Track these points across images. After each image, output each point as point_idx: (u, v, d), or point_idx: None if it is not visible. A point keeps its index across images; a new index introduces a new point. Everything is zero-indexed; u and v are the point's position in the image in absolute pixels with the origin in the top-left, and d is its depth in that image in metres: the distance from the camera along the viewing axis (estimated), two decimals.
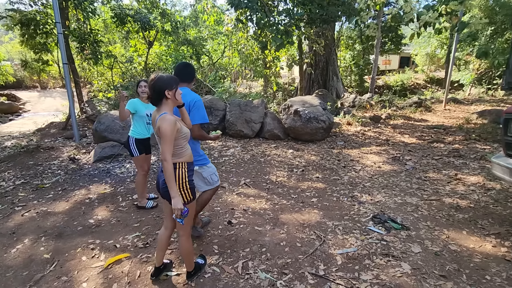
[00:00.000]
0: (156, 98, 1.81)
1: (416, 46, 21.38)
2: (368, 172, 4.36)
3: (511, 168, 2.33)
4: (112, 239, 2.75)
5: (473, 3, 13.64)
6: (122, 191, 3.93)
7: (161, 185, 1.90)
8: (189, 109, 2.26)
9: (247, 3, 6.76)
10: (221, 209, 3.30)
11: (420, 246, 2.41)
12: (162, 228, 2.16)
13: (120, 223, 3.06)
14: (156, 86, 1.78)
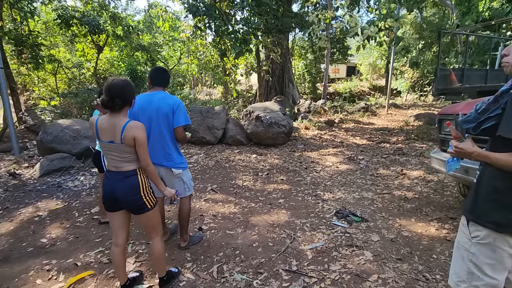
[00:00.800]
0: (121, 104, 1.71)
1: (360, 56, 23.49)
2: (328, 172, 4.67)
3: (445, 161, 2.72)
4: (71, 257, 2.54)
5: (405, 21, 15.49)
6: (78, 205, 3.64)
7: (126, 196, 1.78)
8: (173, 112, 2.25)
9: (205, 10, 6.81)
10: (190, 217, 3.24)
11: (378, 235, 2.68)
12: (112, 247, 1.96)
13: (79, 240, 2.83)
14: (126, 92, 1.71)
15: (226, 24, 7.28)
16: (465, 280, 1.28)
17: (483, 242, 1.22)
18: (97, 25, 9.52)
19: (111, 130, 1.72)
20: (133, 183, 1.79)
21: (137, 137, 1.70)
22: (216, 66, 9.50)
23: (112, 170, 1.82)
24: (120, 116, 1.74)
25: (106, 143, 1.76)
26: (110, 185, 1.81)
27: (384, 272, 2.15)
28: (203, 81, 11.35)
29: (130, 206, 1.84)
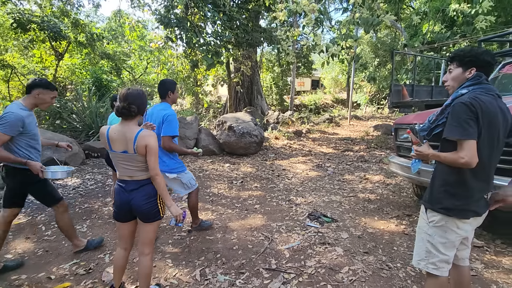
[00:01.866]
0: (137, 112, 1.72)
1: (324, 71, 24.98)
2: (299, 179, 4.94)
3: (402, 165, 3.11)
4: (44, 271, 2.43)
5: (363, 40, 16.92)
6: (44, 219, 3.45)
7: (142, 204, 1.77)
8: (162, 122, 2.50)
9: (177, 22, 6.90)
10: (167, 225, 3.26)
11: (347, 233, 2.95)
12: (118, 249, 2.00)
13: (49, 253, 2.71)
14: (141, 100, 1.74)
15: (198, 36, 7.43)
16: (424, 258, 1.55)
17: (438, 225, 1.49)
18: (58, 31, 9.09)
19: (123, 140, 1.72)
20: (150, 191, 1.80)
21: (148, 145, 1.70)
22: (187, 77, 9.54)
23: (127, 180, 1.81)
24: (131, 125, 1.74)
25: (119, 153, 1.75)
26: (126, 195, 1.79)
27: (353, 264, 2.40)
28: None
29: (144, 214, 1.81)
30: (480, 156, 1.38)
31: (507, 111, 1.45)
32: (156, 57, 9.70)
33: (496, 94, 1.45)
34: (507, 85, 3.41)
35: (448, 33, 13.48)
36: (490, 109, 1.38)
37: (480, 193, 1.46)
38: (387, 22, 6.54)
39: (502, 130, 1.44)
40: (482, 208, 1.49)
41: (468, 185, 1.43)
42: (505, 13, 16.74)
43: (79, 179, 4.83)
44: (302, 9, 6.47)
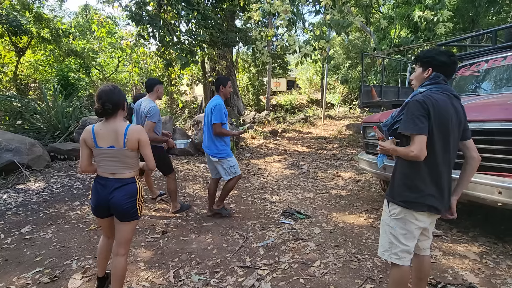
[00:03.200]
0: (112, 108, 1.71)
1: (299, 72, 25.48)
2: (274, 178, 5.01)
3: (370, 161, 3.27)
4: (2, 282, 2.28)
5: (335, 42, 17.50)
6: (3, 226, 3.22)
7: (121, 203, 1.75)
8: (211, 112, 3.00)
9: (149, 20, 6.72)
10: (140, 227, 3.17)
11: (319, 228, 3.04)
12: (102, 237, 2.03)
13: (9, 262, 2.54)
14: (114, 96, 1.72)
15: (172, 34, 7.28)
16: (387, 249, 1.64)
17: (398, 217, 1.58)
18: (18, 25, 8.48)
19: (111, 135, 1.72)
20: (132, 190, 1.79)
21: (141, 139, 1.76)
22: (161, 76, 9.31)
23: (108, 177, 1.77)
24: (117, 121, 1.75)
25: (106, 148, 1.73)
26: (105, 192, 1.75)
27: (325, 258, 2.48)
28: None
29: (122, 213, 1.78)
30: (433, 150, 1.47)
31: (461, 112, 1.55)
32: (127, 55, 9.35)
33: (452, 94, 1.53)
34: (463, 86, 3.69)
35: (413, 37, 14.33)
36: (441, 107, 1.46)
37: (436, 188, 1.53)
38: (357, 24, 6.81)
39: (455, 129, 1.52)
40: (441, 204, 1.55)
41: (423, 178, 1.52)
42: (463, 20, 18.06)
43: (44, 182, 4.55)
44: (275, 10, 6.55)
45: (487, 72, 3.41)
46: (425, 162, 1.48)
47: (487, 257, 2.37)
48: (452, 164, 1.58)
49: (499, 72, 3.28)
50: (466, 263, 2.35)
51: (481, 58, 3.64)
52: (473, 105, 2.56)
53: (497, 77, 3.27)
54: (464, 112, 1.58)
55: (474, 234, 2.77)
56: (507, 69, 3.22)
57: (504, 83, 3.12)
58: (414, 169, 1.53)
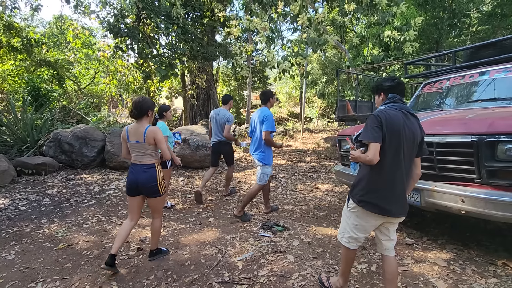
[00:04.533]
0: (137, 114, 2.41)
1: (278, 86, 26.08)
2: None
3: (345, 173, 3.39)
4: None
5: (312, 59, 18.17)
6: None
7: (146, 183, 2.42)
8: (263, 121, 3.49)
9: (128, 32, 6.68)
10: (113, 243, 3.04)
11: (298, 240, 3.07)
12: (127, 220, 2.57)
13: None
14: (141, 106, 2.40)
15: (151, 47, 7.26)
16: (341, 233, 2.02)
17: (353, 211, 1.91)
18: None
19: (137, 133, 2.39)
20: (153, 173, 2.44)
21: (156, 137, 2.39)
22: (139, 88, 9.15)
23: (137, 163, 2.46)
24: (142, 122, 2.42)
25: (134, 142, 2.42)
26: (135, 175, 2.43)
27: (303, 270, 2.50)
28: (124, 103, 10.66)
29: (147, 191, 2.46)
30: (385, 156, 1.71)
31: (417, 127, 1.78)
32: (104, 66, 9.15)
33: (406, 111, 1.79)
34: (428, 102, 3.96)
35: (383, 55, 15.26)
36: (394, 120, 1.71)
37: (388, 192, 1.74)
38: (332, 43, 7.15)
39: (409, 140, 1.74)
40: (396, 209, 1.76)
41: (375, 182, 1.77)
42: (428, 41, 19.50)
43: (8, 199, 4.27)
44: (254, 27, 6.76)
45: (449, 89, 3.69)
46: (380, 167, 1.72)
47: (454, 263, 2.49)
48: (407, 171, 1.79)
49: (459, 89, 3.57)
50: (435, 269, 2.46)
51: (443, 76, 3.94)
52: (437, 119, 2.76)
53: (458, 94, 3.55)
54: (420, 128, 1.82)
55: (443, 242, 2.91)
56: (466, 87, 3.52)
57: (464, 99, 3.40)
58: (371, 173, 1.79)
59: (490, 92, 3.23)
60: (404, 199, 1.80)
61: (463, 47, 3.99)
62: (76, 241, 3.12)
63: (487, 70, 3.39)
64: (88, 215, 3.84)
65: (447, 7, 19.01)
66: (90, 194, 4.68)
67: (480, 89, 3.38)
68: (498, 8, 18.58)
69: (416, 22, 12.60)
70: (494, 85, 3.25)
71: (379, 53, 15.37)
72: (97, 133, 6.53)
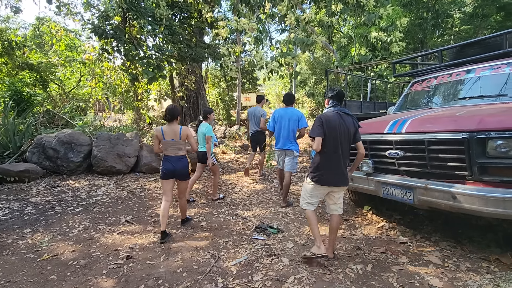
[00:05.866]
0: (170, 118, 3.20)
1: (268, 87, 26.13)
2: (246, 192, 4.96)
3: None
4: None
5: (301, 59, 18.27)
6: None
7: (181, 169, 3.24)
8: (298, 119, 4.23)
9: (113, 33, 6.52)
10: (101, 253, 2.93)
11: (292, 242, 3.03)
12: (164, 201, 3.27)
13: None
14: (172, 112, 3.21)
15: (137, 48, 7.12)
16: (302, 200, 2.72)
17: (308, 184, 2.63)
18: None
19: (172, 132, 3.17)
20: (185, 162, 3.28)
21: (188, 134, 3.24)
22: (126, 91, 8.95)
23: (172, 155, 3.22)
24: (174, 124, 3.21)
25: (169, 140, 3.18)
26: (172, 164, 3.20)
27: (299, 273, 2.46)
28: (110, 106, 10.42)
29: (182, 175, 3.28)
30: (326, 146, 2.47)
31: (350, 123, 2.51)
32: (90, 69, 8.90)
33: (342, 112, 2.55)
34: (417, 101, 4.01)
35: (371, 55, 15.50)
36: (331, 120, 2.48)
37: (330, 170, 2.49)
38: (320, 43, 7.18)
39: (343, 134, 2.48)
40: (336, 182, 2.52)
41: (321, 164, 2.51)
42: (413, 41, 19.91)
43: None
44: (242, 28, 6.71)
45: (436, 88, 3.74)
46: (322, 153, 2.50)
47: (448, 261, 2.50)
48: (344, 155, 2.52)
49: (447, 87, 3.62)
50: (430, 268, 2.46)
51: (431, 75, 3.99)
52: (427, 117, 2.78)
53: (445, 92, 3.60)
54: (353, 123, 2.54)
55: (436, 239, 2.93)
56: (453, 85, 3.56)
57: (452, 97, 3.44)
58: (319, 158, 2.53)
59: (476, 90, 3.28)
60: (341, 174, 2.52)
61: (449, 46, 4.06)
62: (62, 251, 2.99)
63: (473, 68, 3.45)
64: (74, 223, 3.70)
65: (431, 7, 19.49)
66: (77, 201, 4.52)
67: (466, 87, 3.43)
68: (479, 8, 19.17)
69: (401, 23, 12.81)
70: (480, 82, 3.31)
71: (366, 53, 15.58)
72: (83, 138, 6.33)
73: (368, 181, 2.93)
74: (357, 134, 2.56)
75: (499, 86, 3.10)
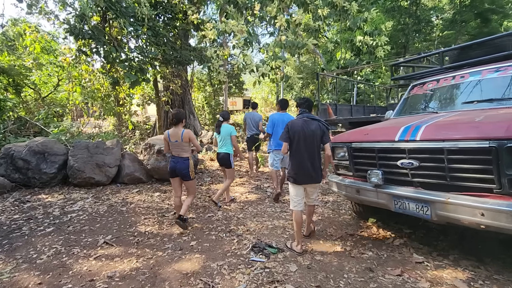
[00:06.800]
0: (176, 121, 3.50)
1: (254, 91, 25.93)
2: (238, 204, 4.60)
3: (340, 183, 3.10)
4: None
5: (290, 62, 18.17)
6: None
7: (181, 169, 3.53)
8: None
9: (92, 34, 6.04)
10: (73, 285, 2.49)
11: (295, 264, 2.70)
12: (174, 196, 3.77)
13: None
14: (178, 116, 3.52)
15: (118, 50, 6.64)
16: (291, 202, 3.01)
17: (290, 186, 2.99)
18: None
19: (176, 135, 3.47)
20: (187, 164, 3.52)
21: (190, 137, 3.50)
22: (107, 96, 8.40)
23: (176, 156, 3.54)
24: (179, 127, 3.50)
25: (174, 142, 3.49)
26: (175, 163, 3.53)
27: None
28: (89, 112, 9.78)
29: (182, 175, 3.55)
30: (293, 149, 2.90)
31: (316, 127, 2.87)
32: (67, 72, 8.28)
33: (308, 118, 2.93)
34: (418, 105, 3.81)
35: (357, 60, 15.64)
36: (295, 126, 2.89)
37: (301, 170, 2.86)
38: (311, 46, 6.98)
39: (308, 137, 2.84)
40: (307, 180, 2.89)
41: (293, 166, 2.91)
42: (396, 45, 20.32)
43: None
44: (231, 30, 6.40)
45: (439, 91, 3.56)
46: (291, 156, 2.93)
47: (474, 284, 2.24)
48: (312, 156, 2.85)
49: (451, 90, 3.44)
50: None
51: (432, 77, 3.82)
52: (442, 123, 2.54)
53: (450, 95, 3.41)
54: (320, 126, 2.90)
55: (455, 257, 2.67)
56: (457, 88, 3.38)
57: (458, 101, 3.25)
58: (290, 160, 2.97)
59: (484, 93, 3.10)
60: (311, 172, 2.85)
61: (451, 48, 3.91)
62: (26, 284, 2.53)
63: (478, 70, 3.28)
64: (44, 247, 3.22)
65: (412, 13, 20.01)
66: (48, 219, 4.01)
67: (472, 90, 3.25)
68: (458, 15, 19.82)
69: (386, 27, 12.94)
70: (487, 85, 3.14)
71: (351, 57, 15.67)
72: (58, 147, 5.79)
73: (377, 193, 2.66)
74: (324, 137, 2.88)
75: (508, 89, 2.93)
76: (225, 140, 4.48)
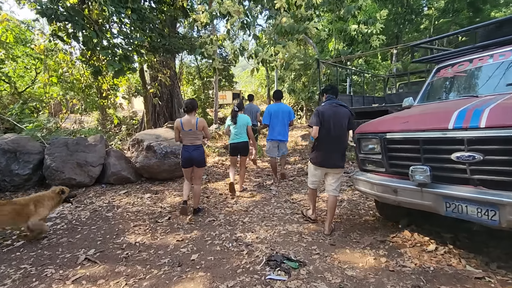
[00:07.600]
0: (191, 109, 3.67)
1: (244, 84, 25.26)
2: (241, 205, 4.07)
3: (370, 182, 2.60)
4: None
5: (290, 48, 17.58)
6: None
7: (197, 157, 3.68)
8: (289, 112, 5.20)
9: (67, 15, 5.29)
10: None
11: (323, 282, 2.20)
12: (185, 181, 3.85)
13: None
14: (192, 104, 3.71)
15: (99, 35, 5.91)
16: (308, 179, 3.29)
17: (310, 166, 3.22)
18: None
19: (190, 123, 3.61)
20: (202, 151, 3.72)
21: (204, 126, 3.69)
22: (88, 87, 7.62)
23: (189, 145, 3.66)
24: (192, 115, 3.68)
25: (188, 131, 3.62)
26: (189, 152, 3.65)
27: None
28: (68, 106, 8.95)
29: (198, 163, 3.71)
30: (321, 134, 2.96)
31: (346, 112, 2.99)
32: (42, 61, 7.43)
33: (337, 104, 3.03)
34: (443, 90, 3.37)
35: (350, 49, 15.27)
36: (325, 112, 2.97)
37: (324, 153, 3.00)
38: (312, 30, 6.43)
39: (337, 122, 2.94)
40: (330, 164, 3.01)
41: (318, 148, 3.04)
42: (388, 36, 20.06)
43: None
44: (226, 11, 5.79)
45: (476, 72, 3.10)
46: (318, 140, 3.01)
47: None
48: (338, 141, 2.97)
49: (490, 71, 2.98)
50: None
51: (462, 58, 3.36)
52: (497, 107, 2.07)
53: (489, 76, 2.96)
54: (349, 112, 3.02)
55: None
56: (498, 68, 2.93)
57: (501, 82, 2.80)
58: (315, 144, 3.07)
59: None
60: (334, 158, 2.98)
61: (484, 23, 3.46)
62: None
63: None
64: (10, 268, 2.62)
65: (405, 3, 19.73)
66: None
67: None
68: (450, 3, 19.65)
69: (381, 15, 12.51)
70: None
71: (343, 47, 15.23)
72: (32, 144, 5.09)
73: (423, 194, 2.18)
74: (350, 123, 3.00)
75: None
76: (242, 129, 4.57)
